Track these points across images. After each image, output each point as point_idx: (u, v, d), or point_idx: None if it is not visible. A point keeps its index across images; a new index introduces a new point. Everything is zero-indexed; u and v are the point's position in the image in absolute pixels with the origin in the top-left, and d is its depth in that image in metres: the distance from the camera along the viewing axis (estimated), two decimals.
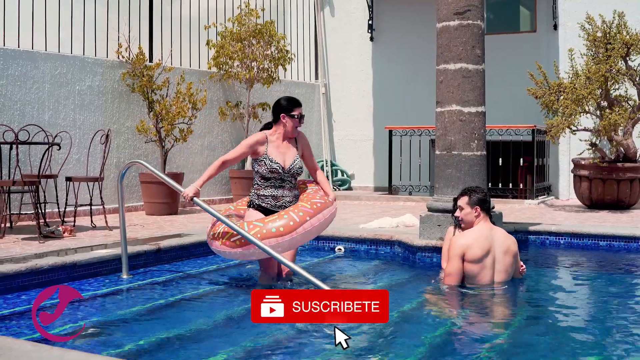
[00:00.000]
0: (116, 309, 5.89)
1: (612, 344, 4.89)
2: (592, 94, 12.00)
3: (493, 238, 6.38)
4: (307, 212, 6.38)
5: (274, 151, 6.69)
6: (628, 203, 12.54)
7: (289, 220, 6.26)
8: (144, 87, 12.02)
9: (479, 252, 6.30)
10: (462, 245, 6.36)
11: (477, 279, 6.33)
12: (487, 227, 6.44)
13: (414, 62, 16.14)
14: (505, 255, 6.39)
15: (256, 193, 6.72)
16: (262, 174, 6.65)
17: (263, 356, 4.57)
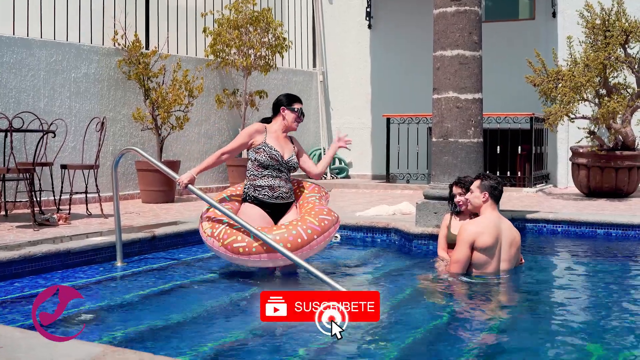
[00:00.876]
0: (110, 296, 5.85)
1: (609, 331, 4.86)
2: (590, 82, 11.95)
3: (501, 228, 6.34)
4: (315, 230, 6.19)
5: (273, 141, 6.65)
6: (626, 191, 12.51)
7: (297, 237, 6.07)
8: (140, 75, 11.96)
9: (490, 240, 6.24)
10: (473, 233, 6.27)
11: (484, 267, 6.27)
12: (496, 216, 6.39)
13: (412, 49, 16.09)
14: (510, 247, 6.35)
15: (252, 185, 6.62)
16: (261, 161, 6.56)
17: (259, 343, 4.54)
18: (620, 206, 11.12)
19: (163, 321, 5.05)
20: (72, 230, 8.22)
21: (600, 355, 4.29)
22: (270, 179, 6.58)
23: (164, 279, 6.46)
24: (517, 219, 8.64)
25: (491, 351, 4.47)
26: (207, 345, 4.44)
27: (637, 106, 12.28)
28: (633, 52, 12.43)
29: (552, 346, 4.55)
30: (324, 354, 4.33)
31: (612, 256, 7.71)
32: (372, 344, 4.53)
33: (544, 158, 14.94)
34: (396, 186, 14.56)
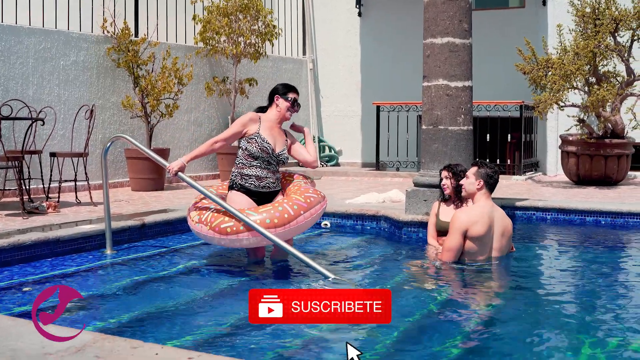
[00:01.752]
0: (99, 284, 5.85)
1: (597, 318, 4.88)
2: (580, 70, 11.97)
3: (494, 217, 6.33)
4: (302, 206, 6.21)
5: (266, 132, 6.59)
6: (615, 179, 12.54)
7: (283, 213, 6.10)
8: (130, 62, 11.92)
9: (483, 229, 6.23)
10: (466, 222, 6.25)
11: (476, 256, 6.28)
12: (490, 205, 6.37)
13: (402, 37, 16.07)
14: (502, 236, 6.35)
15: (239, 173, 6.58)
16: (252, 152, 6.52)
17: (249, 331, 4.53)
18: (609, 194, 11.15)
19: (153, 309, 5.05)
20: (61, 218, 8.20)
21: (591, 342, 4.31)
22: (258, 169, 6.55)
23: (154, 266, 6.46)
24: (506, 207, 8.63)
25: (483, 338, 4.48)
26: (197, 332, 4.44)
27: (627, 94, 12.31)
28: (623, 41, 12.45)
29: (543, 333, 4.57)
30: (315, 342, 4.34)
31: (601, 243, 7.74)
32: (362, 331, 4.54)
33: (534, 146, 14.96)
34: (386, 174, 14.56)
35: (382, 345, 4.22)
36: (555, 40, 12.80)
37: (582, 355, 4.09)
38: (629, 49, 12.35)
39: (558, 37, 12.51)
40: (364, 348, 4.16)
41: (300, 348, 4.18)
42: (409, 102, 14.72)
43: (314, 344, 4.29)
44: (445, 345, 4.26)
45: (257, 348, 4.14)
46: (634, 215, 8.55)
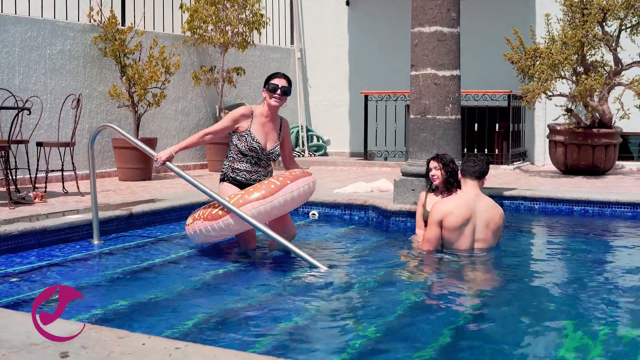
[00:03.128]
0: (86, 275, 5.81)
1: (583, 307, 4.88)
2: (568, 60, 11.98)
3: (476, 207, 6.29)
4: (287, 177, 6.25)
5: (257, 129, 6.53)
6: (603, 169, 12.57)
7: (269, 184, 6.13)
8: (116, 51, 11.86)
9: (458, 220, 6.21)
10: (441, 212, 6.26)
11: (455, 245, 6.27)
12: (472, 194, 6.32)
13: (390, 26, 16.05)
14: (487, 227, 6.29)
15: (230, 166, 6.60)
16: (241, 150, 6.51)
17: (237, 320, 4.52)
18: (597, 183, 11.18)
19: (140, 299, 5.02)
20: (48, 208, 8.16)
21: (577, 331, 4.31)
22: (248, 164, 6.57)
23: (141, 256, 6.43)
24: (494, 196, 8.60)
25: (467, 328, 4.48)
26: (184, 322, 4.42)
27: (614, 84, 12.32)
28: (610, 30, 12.46)
29: (528, 322, 4.57)
30: (301, 330, 4.33)
31: (589, 233, 7.75)
32: (348, 320, 4.53)
33: (522, 135, 14.99)
34: (374, 163, 14.56)
35: (367, 335, 4.21)
36: (543, 29, 12.81)
37: (570, 343, 4.08)
38: (617, 38, 12.37)
39: (546, 27, 12.52)
40: (350, 338, 4.16)
41: (287, 338, 4.17)
42: (397, 92, 14.72)
43: (301, 334, 4.28)
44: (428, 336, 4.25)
45: (246, 338, 4.12)
46: (622, 205, 8.57)
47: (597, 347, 4.01)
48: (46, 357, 2.97)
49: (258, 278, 5.74)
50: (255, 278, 5.75)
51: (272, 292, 5.27)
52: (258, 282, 5.56)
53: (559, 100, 12.94)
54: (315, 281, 5.52)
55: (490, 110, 14.18)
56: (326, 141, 16.94)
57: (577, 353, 3.92)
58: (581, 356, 3.88)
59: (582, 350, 3.96)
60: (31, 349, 3.06)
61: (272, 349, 3.94)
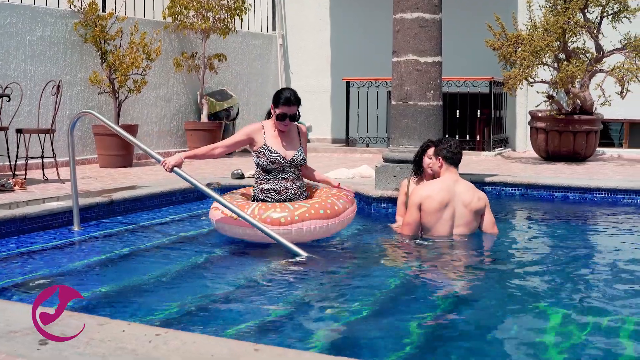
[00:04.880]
0: (67, 261, 5.79)
1: (564, 292, 4.90)
2: (549, 46, 12.00)
3: (455, 191, 6.30)
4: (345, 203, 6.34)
5: (272, 141, 6.37)
6: (584, 155, 12.61)
7: (333, 205, 6.17)
8: (97, 38, 11.78)
9: (435, 204, 6.23)
10: (419, 196, 6.30)
11: (433, 230, 6.29)
12: (451, 179, 6.34)
13: (372, 12, 16.01)
14: (466, 210, 6.31)
15: (259, 188, 6.43)
16: (263, 166, 6.34)
17: (216, 307, 4.51)
18: (577, 170, 11.21)
19: (120, 286, 5.01)
20: (28, 195, 8.11)
21: (559, 316, 4.32)
22: (275, 182, 6.38)
23: (122, 243, 6.41)
24: (475, 183, 8.63)
25: (448, 313, 4.48)
26: (165, 309, 4.40)
27: (596, 71, 12.35)
28: (592, 17, 12.48)
29: (509, 308, 4.58)
30: (281, 317, 4.32)
31: (570, 219, 7.78)
32: (328, 307, 4.53)
33: (503, 122, 15.01)
34: (355, 150, 14.56)
35: (348, 322, 4.21)
36: (525, 16, 12.82)
37: (552, 327, 4.10)
38: (598, 25, 12.39)
39: (528, 13, 12.52)
40: (330, 325, 4.16)
41: (267, 324, 4.16)
42: (379, 78, 14.71)
43: (282, 320, 4.27)
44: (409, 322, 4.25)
45: (226, 324, 4.12)
46: (602, 191, 8.61)
47: (578, 331, 4.02)
48: (25, 345, 2.95)
49: (239, 265, 5.73)
50: (236, 265, 5.74)
51: (252, 279, 5.26)
52: (238, 269, 5.56)
53: (541, 87, 12.96)
54: (295, 268, 5.52)
55: (471, 96, 14.19)
56: (308, 127, 16.91)
57: (558, 337, 3.93)
58: (562, 340, 3.89)
59: (564, 335, 3.98)
60: (10, 336, 3.04)
61: (251, 335, 3.93)
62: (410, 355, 3.70)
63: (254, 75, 16.23)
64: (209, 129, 13.51)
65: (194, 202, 8.40)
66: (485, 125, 14.33)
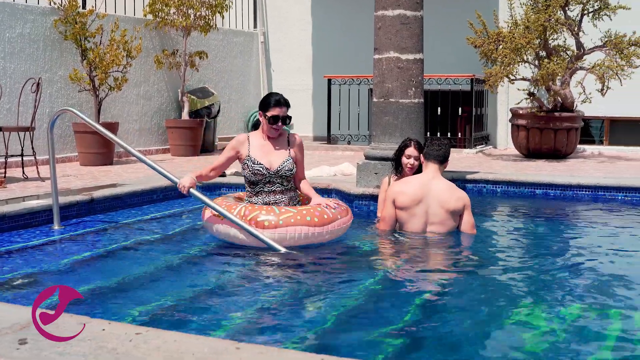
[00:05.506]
0: (47, 260, 5.74)
1: (545, 289, 4.91)
2: (530, 44, 12.03)
3: (430, 189, 6.29)
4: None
5: (257, 152, 6.19)
6: (565, 152, 12.66)
7: (322, 214, 5.96)
8: (77, 35, 11.72)
9: (408, 200, 6.25)
10: (394, 192, 6.36)
11: (407, 226, 6.31)
12: (428, 177, 6.34)
13: (354, 9, 16.01)
14: (441, 209, 6.30)
15: (249, 201, 6.29)
16: (248, 178, 6.20)
17: (197, 305, 4.49)
18: (558, 167, 11.25)
19: (101, 284, 4.98)
20: (7, 193, 8.05)
21: (539, 313, 4.33)
22: (263, 195, 6.21)
23: (103, 242, 6.39)
24: (457, 180, 8.69)
25: (429, 311, 4.48)
26: (145, 307, 4.38)
27: (576, 68, 12.40)
28: (573, 15, 12.53)
29: (489, 307, 4.58)
30: (261, 314, 4.31)
31: (550, 216, 7.80)
32: (307, 303, 4.53)
33: (484, 119, 15.04)
34: (337, 147, 14.56)
35: (326, 318, 4.21)
36: (506, 13, 12.85)
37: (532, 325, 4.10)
38: (579, 23, 12.44)
39: (509, 11, 12.56)
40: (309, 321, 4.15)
41: (247, 322, 4.15)
42: (360, 75, 14.72)
43: (261, 317, 4.26)
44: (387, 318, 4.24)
45: (206, 322, 4.10)
46: (583, 188, 8.65)
47: (559, 329, 4.03)
48: (5, 344, 2.92)
49: (220, 263, 5.71)
50: (217, 263, 5.72)
51: (233, 278, 5.26)
52: (220, 268, 5.55)
53: (522, 84, 13.00)
54: (277, 266, 5.51)
55: (453, 94, 14.21)
56: (289, 125, 16.87)
57: (538, 335, 3.94)
58: (543, 338, 3.90)
59: (545, 333, 3.98)
60: None
61: (232, 333, 3.92)
62: (391, 352, 3.70)
63: (235, 73, 16.20)
64: (190, 127, 13.47)
65: (175, 200, 8.37)
66: (467, 123, 14.36)
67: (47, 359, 2.80)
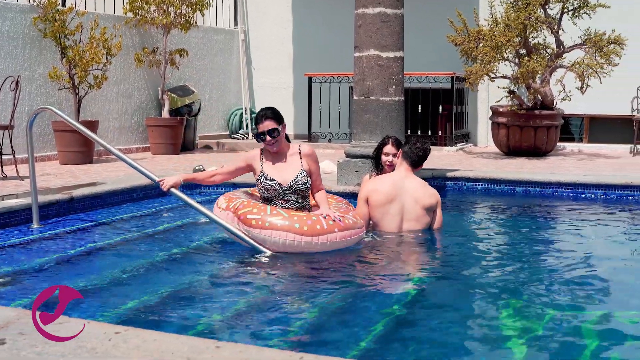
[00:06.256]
0: (26, 260, 5.71)
1: (524, 286, 4.92)
2: (510, 42, 12.07)
3: (404, 186, 6.29)
4: (337, 224, 5.69)
5: (269, 168, 6.00)
6: (544, 150, 12.71)
7: (315, 224, 5.60)
8: (56, 33, 11.65)
9: (381, 197, 6.23)
10: (367, 190, 6.36)
11: (381, 225, 6.28)
12: (401, 175, 6.35)
13: (334, 7, 16.00)
14: (416, 205, 6.30)
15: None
16: (263, 195, 6.04)
17: (178, 305, 4.48)
18: (538, 164, 11.29)
19: (80, 283, 4.95)
20: None
21: (518, 311, 4.34)
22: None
23: (82, 241, 6.35)
24: (437, 177, 8.72)
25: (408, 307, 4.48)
26: (124, 307, 4.37)
27: (556, 66, 12.45)
28: (553, 13, 12.57)
29: (468, 303, 4.60)
30: (242, 314, 4.30)
31: (530, 213, 7.83)
32: (289, 305, 4.52)
33: (465, 117, 15.08)
34: (318, 145, 14.55)
35: (306, 319, 4.21)
36: (487, 11, 12.89)
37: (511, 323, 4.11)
38: (559, 21, 12.49)
39: (489, 9, 12.61)
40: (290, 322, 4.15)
41: (228, 322, 4.14)
42: (341, 73, 14.71)
43: (243, 317, 4.25)
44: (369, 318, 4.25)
45: (187, 322, 4.09)
46: (563, 185, 8.69)
47: (538, 326, 4.04)
48: None
49: (200, 262, 5.69)
50: (198, 262, 5.70)
51: (214, 277, 5.25)
52: (200, 267, 5.53)
53: (502, 82, 13.03)
54: (257, 265, 5.49)
55: (433, 92, 14.24)
56: None
57: (517, 332, 3.95)
58: (522, 335, 3.91)
59: (524, 330, 3.99)
60: None
61: (213, 332, 3.91)
62: (371, 350, 3.70)
63: (216, 71, 16.16)
64: (170, 125, 13.43)
65: (155, 199, 8.35)
66: (447, 121, 14.39)
67: (25, 358, 2.78)
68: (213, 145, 15.11)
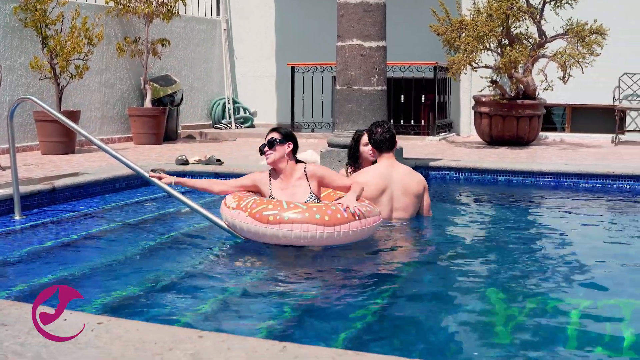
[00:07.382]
0: (7, 250, 5.68)
1: (507, 275, 4.94)
2: (493, 32, 12.09)
3: (391, 176, 6.31)
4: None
5: (279, 193, 5.87)
6: (527, 139, 12.75)
7: (335, 213, 5.40)
8: (37, 22, 11.57)
9: (374, 190, 6.23)
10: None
11: None
12: (387, 165, 6.36)
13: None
14: (403, 195, 6.32)
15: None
16: None
17: (159, 295, 4.48)
18: (520, 154, 11.33)
19: (62, 274, 4.94)
20: None
21: (501, 299, 4.36)
22: None
23: (64, 231, 6.33)
24: (420, 167, 8.72)
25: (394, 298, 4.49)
26: (107, 297, 4.36)
27: (538, 56, 12.48)
28: (535, 3, 12.60)
29: (454, 292, 4.61)
30: (222, 303, 4.30)
31: (513, 202, 7.86)
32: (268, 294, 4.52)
33: (448, 107, 15.10)
34: (301, 135, 14.51)
35: (292, 307, 4.21)
36: (469, 1, 12.92)
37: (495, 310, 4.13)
38: (541, 11, 12.52)
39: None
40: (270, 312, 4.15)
41: (209, 312, 4.14)
42: (324, 63, 14.70)
43: (223, 307, 4.25)
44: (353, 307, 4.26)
45: (169, 312, 4.09)
46: (545, 175, 8.73)
47: (521, 314, 4.06)
48: None
49: (182, 252, 5.68)
50: (180, 252, 5.69)
51: (196, 266, 5.24)
52: (182, 257, 5.52)
53: (484, 72, 13.06)
54: (238, 253, 5.50)
55: (416, 81, 14.24)
56: (253, 113, 16.84)
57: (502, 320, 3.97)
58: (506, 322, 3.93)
59: (507, 317, 4.02)
60: None
61: (195, 322, 3.91)
62: (354, 339, 3.71)
63: (198, 61, 16.12)
64: (152, 115, 13.39)
65: (138, 189, 8.33)
66: (430, 110, 14.40)
67: (8, 349, 2.77)
68: (196, 135, 15.07)
